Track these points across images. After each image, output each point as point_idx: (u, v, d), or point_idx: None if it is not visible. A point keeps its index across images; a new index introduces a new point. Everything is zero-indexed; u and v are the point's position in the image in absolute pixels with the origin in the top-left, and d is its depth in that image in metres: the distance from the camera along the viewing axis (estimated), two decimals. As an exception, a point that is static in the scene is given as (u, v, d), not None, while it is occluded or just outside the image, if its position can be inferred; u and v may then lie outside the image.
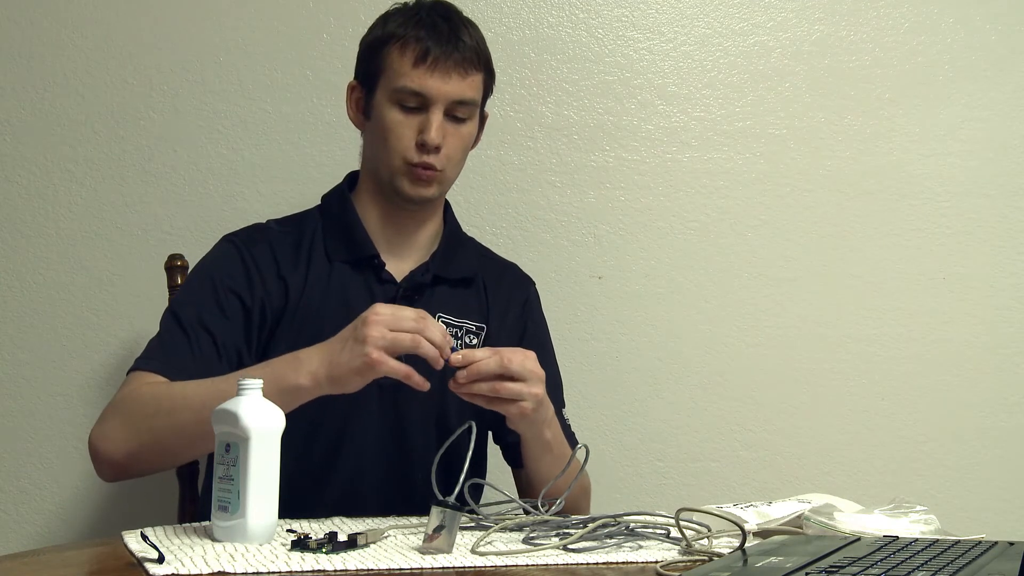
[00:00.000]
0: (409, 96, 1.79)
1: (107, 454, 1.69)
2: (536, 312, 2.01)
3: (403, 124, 1.80)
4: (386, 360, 1.55)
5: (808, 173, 2.38)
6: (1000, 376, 2.41)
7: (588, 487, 1.92)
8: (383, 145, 1.82)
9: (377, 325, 1.55)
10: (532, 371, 1.63)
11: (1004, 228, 2.42)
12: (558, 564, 1.36)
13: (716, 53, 2.36)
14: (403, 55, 1.79)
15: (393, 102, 1.80)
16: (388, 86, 1.81)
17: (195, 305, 1.78)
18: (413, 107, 1.79)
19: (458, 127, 1.82)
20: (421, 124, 1.79)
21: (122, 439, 1.67)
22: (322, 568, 1.28)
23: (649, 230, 2.33)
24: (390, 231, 1.88)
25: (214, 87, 2.20)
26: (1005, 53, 2.42)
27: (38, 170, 2.16)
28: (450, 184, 1.87)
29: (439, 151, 1.80)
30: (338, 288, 1.84)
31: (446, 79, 1.78)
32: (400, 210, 1.86)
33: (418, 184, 1.81)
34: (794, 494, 1.66)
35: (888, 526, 1.49)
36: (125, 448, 1.67)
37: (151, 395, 1.67)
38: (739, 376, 2.35)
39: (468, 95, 1.81)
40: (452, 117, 1.81)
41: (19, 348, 2.16)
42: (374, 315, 1.56)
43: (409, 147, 1.80)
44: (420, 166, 1.80)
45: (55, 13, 2.16)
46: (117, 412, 1.69)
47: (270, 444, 1.39)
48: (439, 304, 1.86)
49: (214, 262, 1.84)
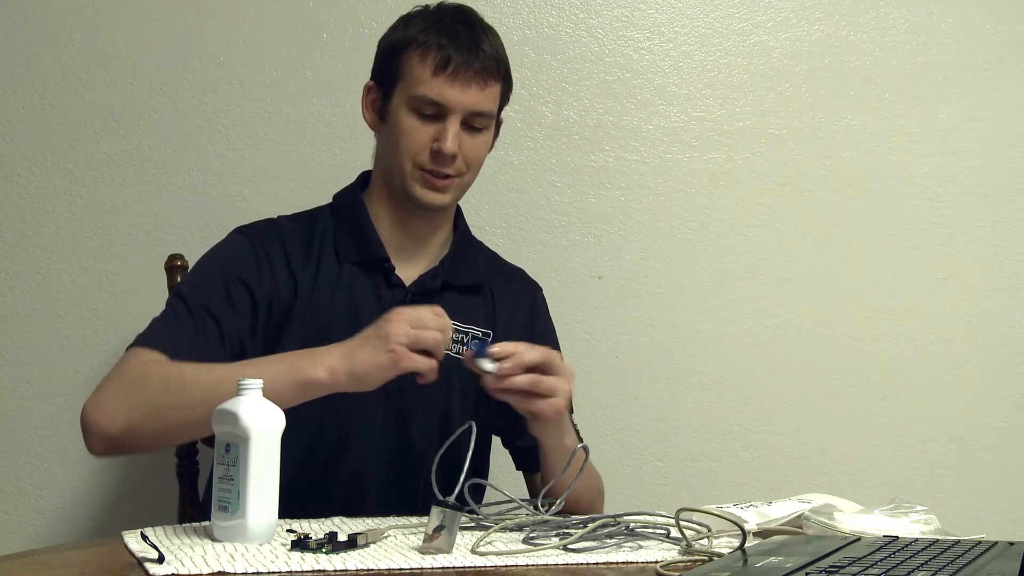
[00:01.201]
0: (427, 104, 1.78)
1: (102, 427, 1.64)
2: (543, 316, 2.01)
3: (419, 131, 1.79)
4: (410, 355, 1.57)
5: (808, 173, 2.38)
6: (1000, 376, 2.41)
7: (600, 487, 1.93)
8: (397, 150, 1.81)
9: (400, 323, 1.58)
10: (566, 368, 1.66)
11: (1004, 228, 2.42)
12: (558, 564, 1.36)
13: (716, 53, 2.36)
14: (423, 62, 1.78)
15: (410, 108, 1.79)
16: (406, 92, 1.79)
17: (203, 291, 1.77)
18: (430, 115, 1.78)
19: (474, 136, 1.81)
20: (437, 132, 1.78)
21: (122, 412, 1.63)
22: (322, 568, 1.28)
23: (649, 230, 2.33)
24: (401, 235, 1.87)
25: (214, 87, 2.20)
26: (1005, 53, 2.42)
27: (38, 170, 2.16)
28: (465, 191, 1.87)
29: (454, 160, 1.79)
30: (346, 289, 1.83)
31: (465, 89, 1.77)
32: (411, 214, 1.85)
33: (431, 190, 1.81)
34: (794, 494, 1.66)
35: (888, 526, 1.49)
36: (124, 421, 1.63)
37: (159, 373, 1.64)
38: (739, 376, 2.35)
39: (486, 106, 1.80)
40: (469, 127, 1.80)
41: (19, 348, 2.16)
42: (396, 314, 1.59)
43: (424, 154, 1.79)
44: (434, 173, 1.80)
45: (55, 13, 2.16)
46: (120, 385, 1.66)
47: (270, 444, 1.39)
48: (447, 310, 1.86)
49: (227, 252, 1.83)
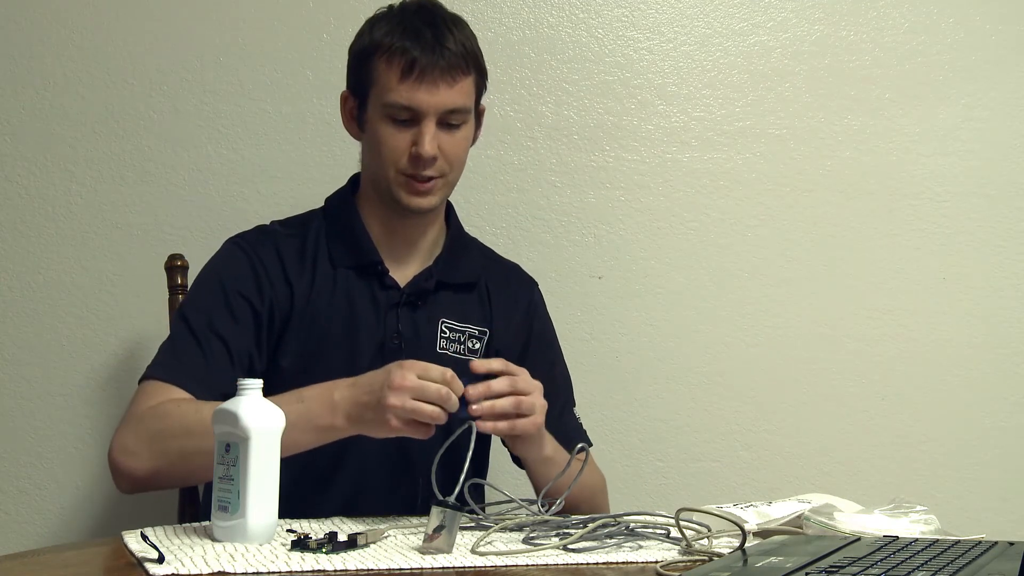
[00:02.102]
0: (399, 110, 1.77)
1: (128, 470, 1.67)
2: (541, 312, 2.01)
3: (396, 138, 1.78)
4: (405, 429, 1.55)
5: (808, 173, 2.38)
6: (1000, 376, 2.41)
7: (601, 483, 1.92)
8: (379, 159, 1.81)
9: (400, 394, 1.53)
10: (533, 383, 1.64)
11: (1004, 228, 2.42)
12: (558, 564, 1.36)
13: (716, 53, 2.36)
14: (390, 68, 1.77)
15: (385, 116, 1.78)
16: (378, 100, 1.79)
17: (205, 310, 1.78)
18: (405, 120, 1.77)
19: (453, 133, 1.80)
20: (414, 137, 1.77)
21: (146, 456, 1.65)
22: (322, 568, 1.28)
23: (649, 230, 2.33)
24: (392, 237, 1.87)
25: (214, 87, 2.20)
26: (1005, 53, 2.42)
27: (38, 170, 2.16)
28: (452, 189, 1.86)
29: (435, 161, 1.78)
30: (342, 294, 1.83)
31: (434, 90, 1.76)
32: (402, 218, 1.85)
33: (416, 195, 1.80)
34: (794, 494, 1.66)
35: (888, 526, 1.49)
36: (149, 466, 1.65)
37: (180, 418, 1.64)
38: (739, 376, 2.35)
39: (459, 103, 1.79)
40: (446, 125, 1.79)
41: (19, 348, 2.16)
42: (400, 380, 1.53)
43: (403, 160, 1.78)
44: (416, 178, 1.79)
45: (55, 13, 2.16)
46: (141, 427, 1.67)
47: (270, 444, 1.39)
48: (442, 310, 1.86)
49: (222, 265, 1.84)
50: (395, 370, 1.55)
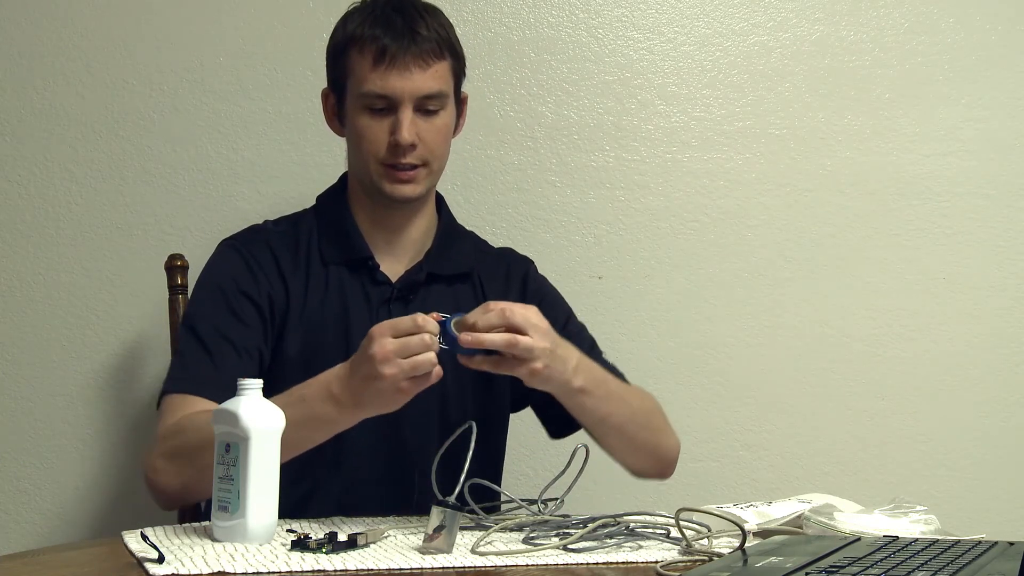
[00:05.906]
0: (375, 99, 1.77)
1: (161, 488, 1.68)
2: (539, 280, 1.99)
3: (374, 128, 1.78)
4: (414, 388, 1.53)
5: (808, 173, 2.37)
6: (1000, 376, 2.41)
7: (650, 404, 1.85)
8: (360, 152, 1.81)
9: (388, 363, 1.50)
10: (536, 324, 1.56)
11: (1004, 228, 2.42)
12: (558, 564, 1.36)
13: (716, 53, 2.36)
14: (362, 57, 1.77)
15: (362, 107, 1.78)
16: (355, 92, 1.79)
17: (209, 316, 1.78)
18: (382, 108, 1.77)
19: (432, 120, 1.79)
20: (392, 125, 1.77)
21: (173, 473, 1.66)
22: (322, 568, 1.28)
23: (649, 230, 2.33)
24: (381, 231, 1.87)
25: (214, 87, 2.20)
26: (1005, 53, 2.42)
27: (38, 170, 2.16)
28: (437, 177, 1.85)
29: (415, 148, 1.78)
30: (336, 292, 1.84)
31: (406, 75, 1.75)
32: (389, 210, 1.85)
33: (399, 184, 1.80)
34: (794, 494, 1.66)
35: (888, 526, 1.49)
36: (177, 482, 1.66)
37: (193, 428, 1.64)
38: (739, 376, 2.35)
39: (434, 87, 1.78)
40: (424, 111, 1.78)
41: (19, 348, 2.16)
42: (381, 349, 1.50)
43: (383, 150, 1.78)
44: (396, 167, 1.79)
45: (55, 13, 2.16)
46: (164, 446, 1.68)
47: (270, 444, 1.39)
48: (434, 302, 1.85)
49: (219, 268, 1.84)
50: (370, 344, 1.51)
